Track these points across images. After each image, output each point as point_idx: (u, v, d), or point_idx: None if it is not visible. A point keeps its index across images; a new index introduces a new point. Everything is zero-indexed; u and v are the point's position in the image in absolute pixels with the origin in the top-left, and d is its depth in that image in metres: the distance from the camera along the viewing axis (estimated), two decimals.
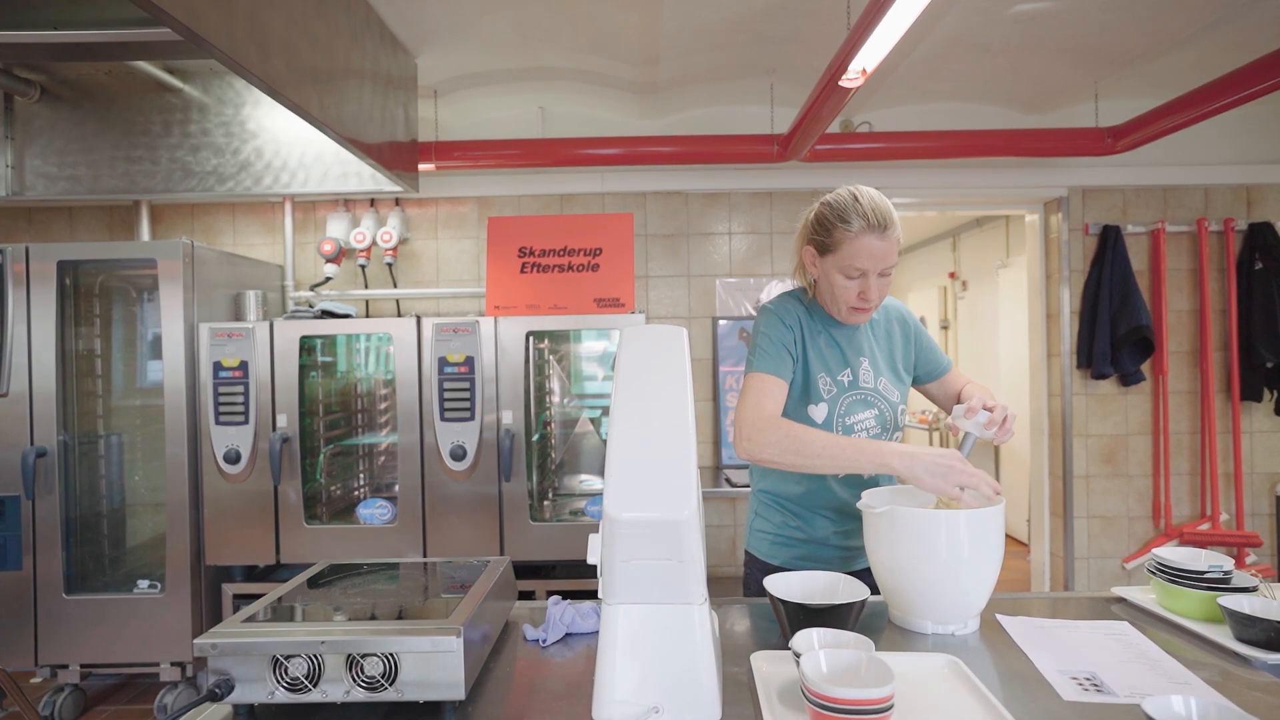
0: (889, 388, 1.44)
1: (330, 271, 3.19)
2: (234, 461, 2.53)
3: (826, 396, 1.40)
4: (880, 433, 1.42)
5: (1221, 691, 0.90)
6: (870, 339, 1.47)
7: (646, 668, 0.82)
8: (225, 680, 0.87)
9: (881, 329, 1.49)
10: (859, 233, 1.30)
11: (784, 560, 1.46)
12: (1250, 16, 2.39)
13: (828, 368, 1.42)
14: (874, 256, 1.30)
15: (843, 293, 1.36)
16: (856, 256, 1.31)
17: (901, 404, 1.45)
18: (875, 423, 1.41)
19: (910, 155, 3.04)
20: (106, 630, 2.53)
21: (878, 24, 1.78)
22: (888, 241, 1.31)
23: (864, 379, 1.42)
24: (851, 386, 1.42)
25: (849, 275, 1.34)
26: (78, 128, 2.90)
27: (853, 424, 1.41)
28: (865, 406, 1.41)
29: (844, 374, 1.42)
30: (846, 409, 1.41)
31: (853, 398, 1.41)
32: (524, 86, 3.04)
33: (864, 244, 1.30)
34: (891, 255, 1.32)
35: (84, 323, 2.78)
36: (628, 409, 0.90)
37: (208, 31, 1.42)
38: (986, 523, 1.10)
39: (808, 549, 1.45)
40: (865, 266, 1.31)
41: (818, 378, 1.41)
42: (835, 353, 1.43)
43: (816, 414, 1.40)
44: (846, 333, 1.45)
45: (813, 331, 1.44)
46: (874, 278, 1.32)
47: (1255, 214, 3.30)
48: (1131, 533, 3.34)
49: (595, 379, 3.26)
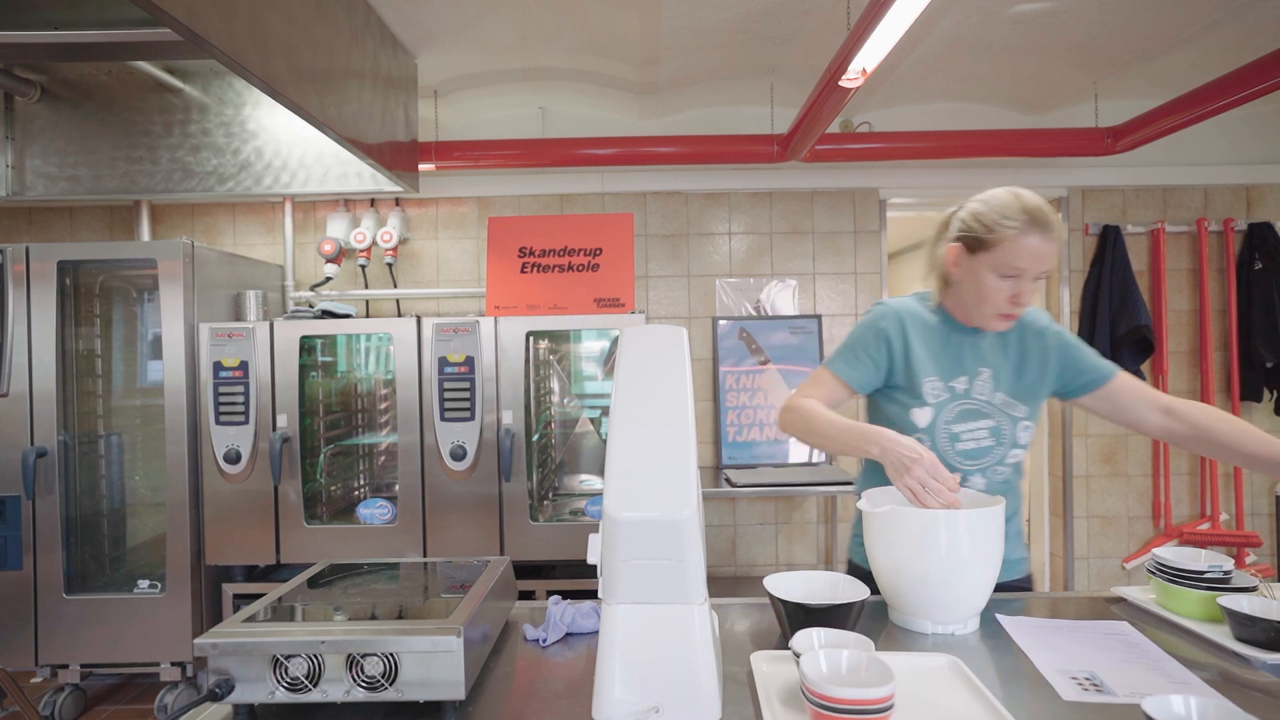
0: (1010, 403, 1.37)
1: (330, 271, 3.19)
2: (234, 461, 2.53)
3: (932, 401, 1.37)
4: (993, 446, 1.37)
5: (1221, 691, 0.90)
6: (999, 349, 1.40)
7: (646, 668, 0.82)
8: (225, 680, 0.87)
9: (1014, 340, 1.41)
10: (1022, 230, 1.26)
11: None
12: (1250, 16, 2.39)
13: (941, 372, 1.38)
14: (1034, 257, 1.26)
15: (992, 294, 1.31)
16: (1017, 255, 1.26)
17: (1025, 420, 1.37)
18: (989, 435, 1.37)
19: (910, 155, 3.04)
20: (107, 630, 2.53)
21: (878, 24, 1.78)
22: (1050, 243, 1.26)
23: (980, 390, 1.37)
24: (964, 395, 1.37)
25: (1003, 274, 1.29)
26: (78, 128, 2.90)
27: (959, 432, 1.37)
28: (978, 417, 1.37)
29: (959, 381, 1.38)
30: (955, 417, 1.37)
31: (964, 406, 1.37)
32: (524, 86, 3.04)
33: (1026, 243, 1.25)
34: (1051, 258, 1.27)
35: (84, 323, 2.78)
36: (628, 409, 0.90)
37: (208, 32, 1.42)
38: (986, 523, 1.10)
39: None
40: (1024, 266, 1.27)
41: (924, 381, 1.38)
42: (953, 359, 1.39)
43: (920, 418, 1.38)
44: (972, 340, 1.40)
45: (926, 335, 1.40)
46: (1028, 280, 1.28)
47: (1255, 214, 3.31)
48: (1131, 533, 3.34)
49: (595, 379, 3.26)
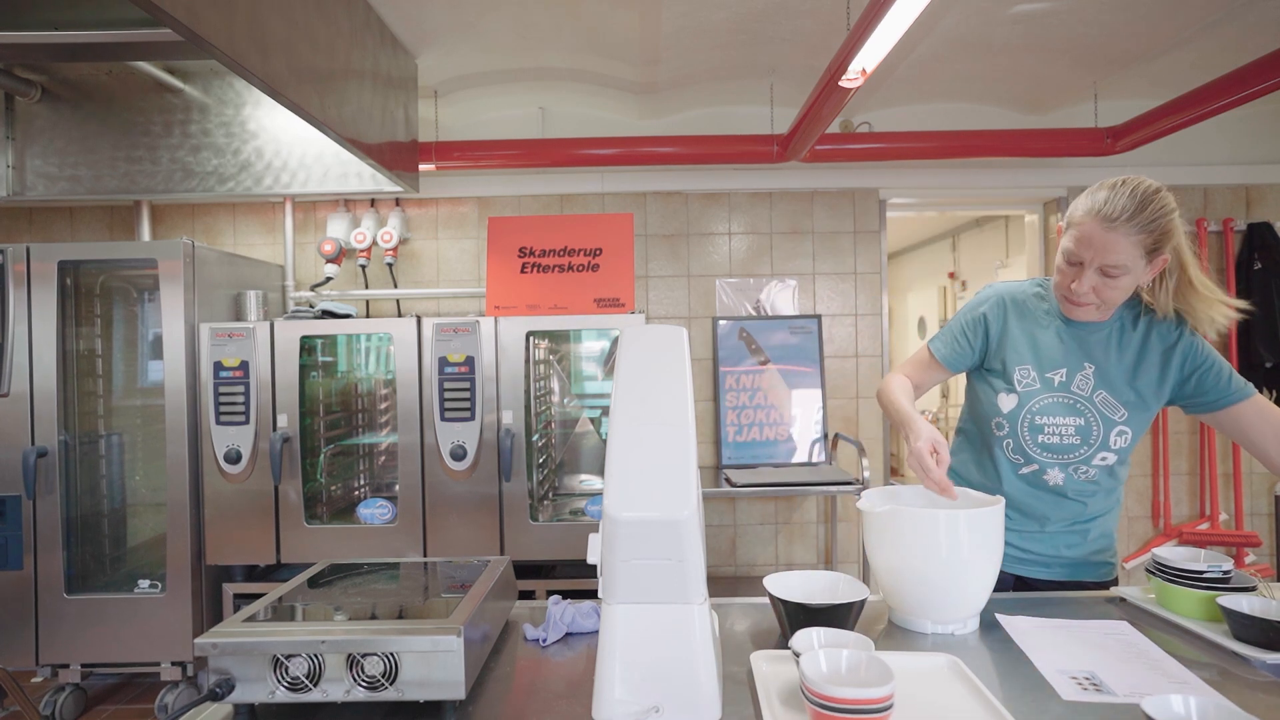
0: (1110, 403, 1.31)
1: (330, 271, 3.19)
2: (234, 461, 2.53)
3: (1020, 388, 1.36)
4: (1078, 444, 1.33)
5: (1221, 691, 0.91)
6: (1114, 347, 1.33)
7: (646, 668, 0.82)
8: (226, 680, 0.87)
9: (1135, 340, 1.33)
10: (1086, 216, 1.22)
11: None
12: (1250, 16, 2.39)
13: (1038, 361, 1.35)
14: (1091, 245, 1.21)
15: (1059, 276, 1.30)
16: (1076, 240, 1.24)
17: (1122, 426, 1.31)
18: (1076, 433, 1.33)
19: (910, 155, 3.04)
20: (107, 630, 2.53)
21: (878, 24, 1.78)
22: (1113, 235, 1.19)
23: (1079, 385, 1.33)
24: (1060, 388, 1.33)
25: (1068, 260, 1.27)
26: (78, 128, 2.90)
27: (1043, 424, 1.34)
28: (1068, 412, 1.33)
29: (1057, 373, 1.34)
30: (1042, 408, 1.34)
31: (1055, 399, 1.33)
32: (524, 86, 3.04)
33: (1086, 229, 1.22)
34: (1114, 253, 1.20)
35: (84, 323, 2.78)
36: (628, 409, 0.90)
37: (208, 32, 1.43)
38: (986, 522, 1.10)
39: None
40: (1082, 255, 1.23)
41: (1016, 369, 1.36)
42: (1056, 348, 1.35)
43: (1005, 403, 1.37)
44: (1082, 332, 1.34)
45: (1030, 323, 1.38)
46: (1090, 272, 1.23)
47: (1255, 214, 3.31)
48: (1131, 532, 3.34)
49: (595, 379, 3.26)
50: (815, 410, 3.24)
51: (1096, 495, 1.37)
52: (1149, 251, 1.21)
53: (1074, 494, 1.36)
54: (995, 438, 1.40)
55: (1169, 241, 1.22)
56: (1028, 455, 1.36)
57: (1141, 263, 1.22)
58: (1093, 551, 1.40)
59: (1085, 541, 1.39)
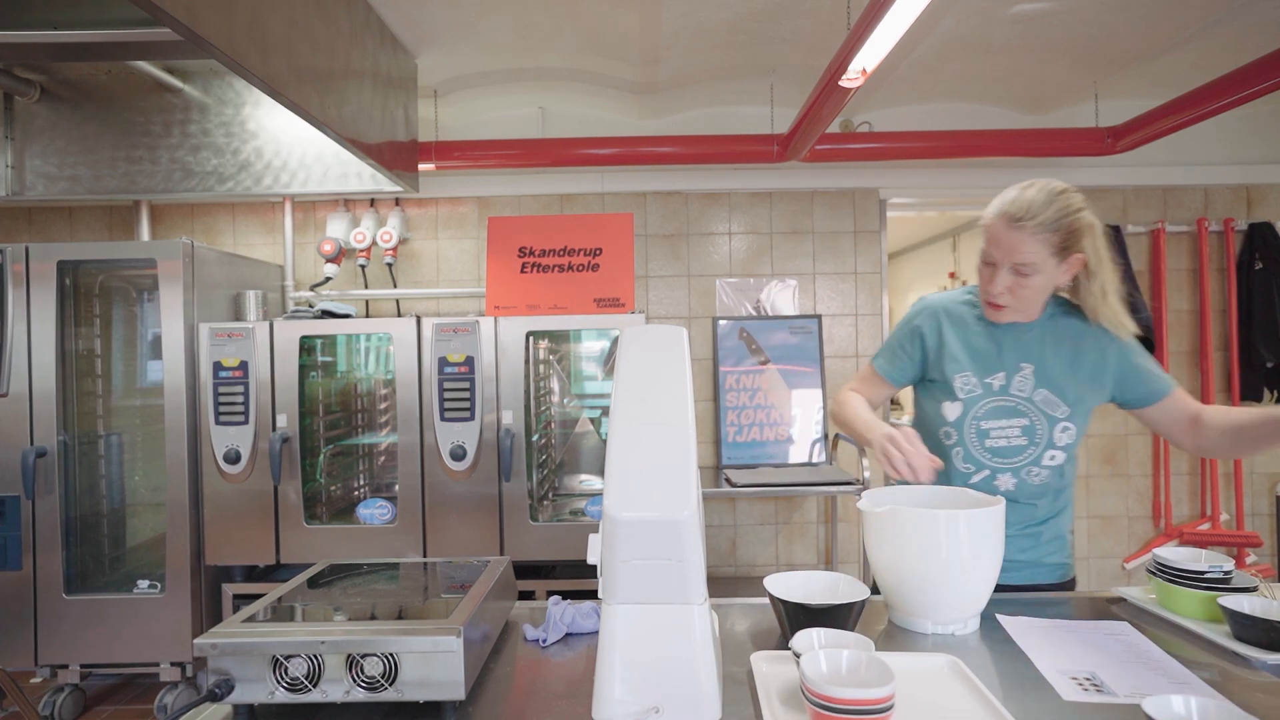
0: (1051, 401, 1.33)
1: (330, 271, 3.19)
2: (234, 461, 2.53)
3: (963, 396, 1.37)
4: (1025, 445, 1.34)
5: (1221, 691, 0.90)
6: (1049, 344, 1.35)
7: (646, 668, 0.82)
8: (225, 680, 0.87)
9: (1070, 337, 1.35)
10: (993, 218, 1.28)
11: None
12: (1250, 16, 2.39)
13: (976, 367, 1.37)
14: (1000, 244, 1.27)
15: (980, 279, 1.34)
16: (988, 241, 1.30)
17: (1066, 423, 1.33)
18: (1021, 434, 1.34)
19: (910, 155, 3.04)
20: (106, 630, 2.53)
21: (878, 24, 1.78)
22: (1019, 234, 1.24)
23: (1018, 386, 1.34)
24: (1001, 392, 1.35)
25: (984, 261, 1.32)
26: (78, 128, 2.90)
27: (989, 429, 1.35)
28: (1012, 415, 1.34)
29: (996, 377, 1.35)
30: (986, 413, 1.35)
31: (997, 403, 1.35)
32: (524, 86, 3.04)
33: (995, 229, 1.27)
34: (1020, 251, 1.24)
35: (84, 323, 2.78)
36: (628, 409, 0.90)
37: (208, 31, 1.42)
38: (987, 522, 1.10)
39: None
40: (994, 255, 1.28)
41: (956, 377, 1.37)
42: (992, 352, 1.37)
43: (949, 412, 1.38)
44: (1014, 333, 1.36)
45: (964, 330, 1.40)
46: (1003, 272, 1.27)
47: (1255, 214, 3.31)
48: (1131, 533, 3.34)
49: (595, 379, 3.26)
50: (815, 410, 3.24)
51: (1045, 497, 1.38)
52: (1059, 250, 1.25)
53: (1025, 498, 1.37)
54: (945, 447, 1.41)
55: (1080, 240, 1.25)
56: (978, 462, 1.37)
57: (1052, 262, 1.25)
58: (1047, 553, 1.41)
59: (1038, 544, 1.40)
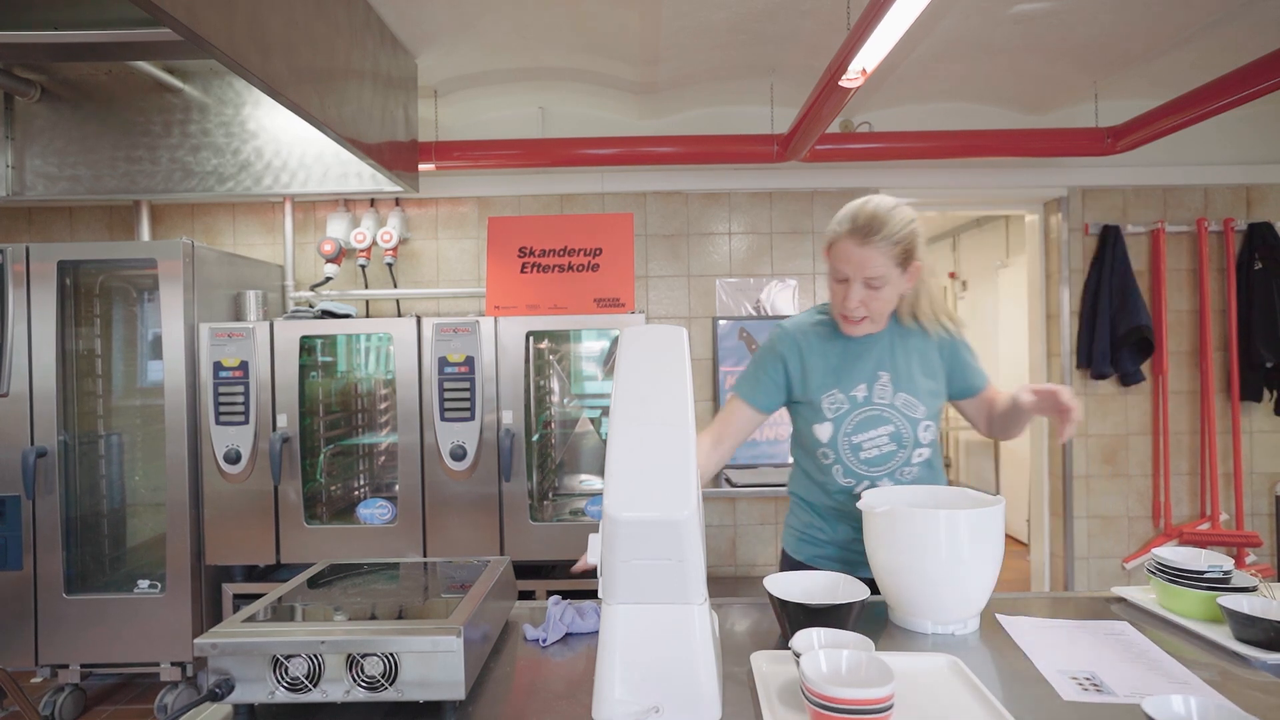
0: (910, 403, 1.38)
1: (330, 271, 3.19)
2: (234, 461, 2.53)
3: (832, 416, 1.39)
4: (895, 450, 1.38)
5: (1221, 691, 0.90)
6: (897, 351, 1.41)
7: (646, 668, 0.82)
8: (225, 680, 0.87)
9: (915, 342, 1.42)
10: (843, 235, 1.32)
11: (807, 557, 1.48)
12: (1250, 16, 2.39)
13: (840, 383, 1.40)
14: (851, 261, 1.31)
15: (833, 297, 1.38)
16: (838, 259, 1.34)
17: (925, 421, 1.39)
18: (890, 440, 1.38)
19: (910, 155, 3.04)
20: (107, 630, 2.53)
21: (878, 24, 1.78)
22: (867, 250, 1.29)
23: (880, 394, 1.39)
24: (865, 403, 1.38)
25: (836, 278, 1.36)
26: (78, 128, 2.90)
27: (861, 442, 1.38)
28: (879, 423, 1.38)
29: (858, 389, 1.39)
30: (855, 427, 1.38)
31: (864, 415, 1.38)
32: (524, 86, 3.04)
33: (842, 248, 1.32)
34: (871, 265, 1.30)
35: (84, 323, 2.78)
36: (628, 409, 0.90)
37: (208, 31, 1.42)
38: (986, 523, 1.10)
39: (831, 550, 1.46)
40: (846, 272, 1.33)
41: (824, 397, 1.40)
42: (852, 367, 1.40)
43: (821, 433, 1.40)
44: (866, 344, 1.41)
45: (823, 349, 1.42)
46: (857, 285, 1.32)
47: (1255, 214, 3.30)
48: (1131, 533, 3.34)
49: (595, 379, 3.26)
50: None
51: None
52: (901, 261, 1.32)
53: None
54: (824, 465, 1.43)
55: (917, 250, 1.33)
56: (857, 474, 1.40)
57: (897, 272, 1.33)
58: None
59: None
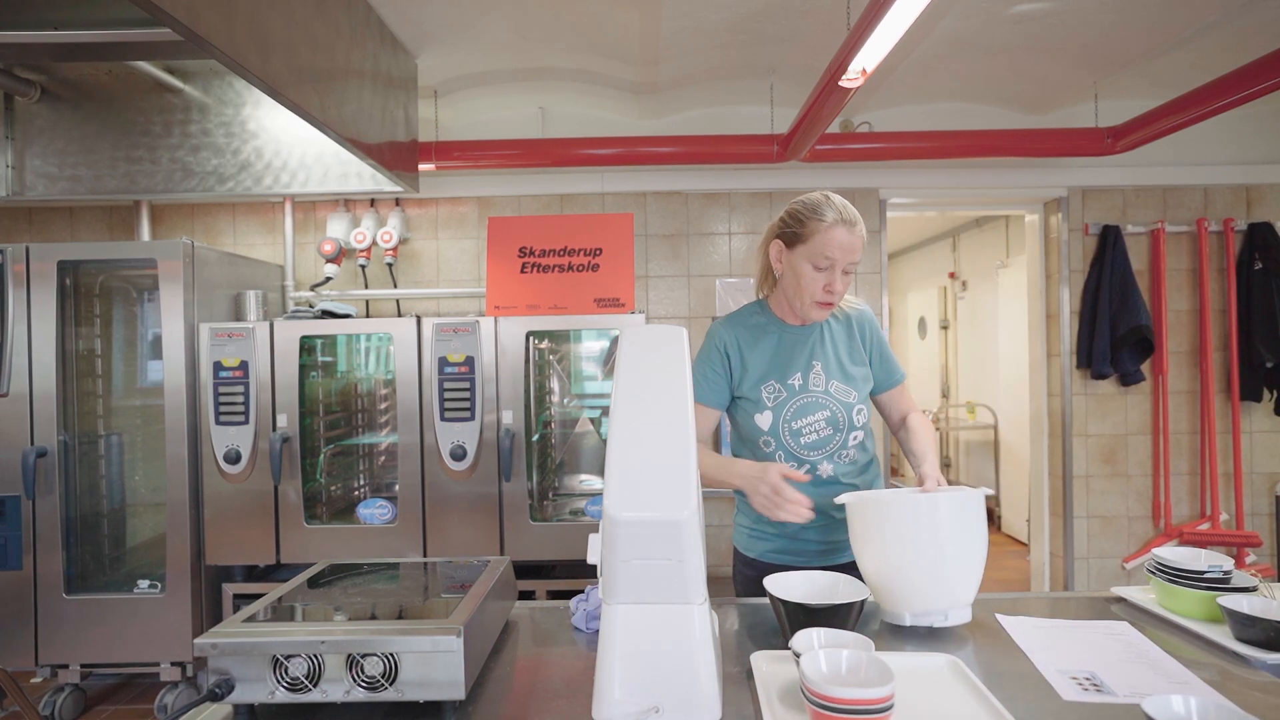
0: (842, 389, 1.46)
1: (330, 271, 3.19)
2: (234, 461, 2.53)
3: (771, 404, 1.45)
4: (832, 434, 1.45)
5: (1221, 691, 0.90)
6: (828, 341, 1.50)
7: (646, 668, 0.82)
8: (225, 680, 0.87)
9: (842, 331, 1.52)
10: (832, 224, 1.38)
11: (760, 553, 1.51)
12: (1250, 16, 2.39)
13: (777, 373, 1.47)
14: (843, 248, 1.38)
15: (810, 285, 1.41)
16: (828, 246, 1.38)
17: (858, 405, 1.47)
18: (826, 425, 1.45)
19: (910, 155, 3.04)
20: (107, 630, 2.53)
21: (878, 24, 1.78)
22: (855, 236, 1.39)
23: (814, 382, 1.46)
24: (801, 390, 1.46)
25: (818, 266, 1.40)
26: (78, 128, 2.90)
27: (800, 428, 1.45)
28: (815, 409, 1.45)
29: (795, 378, 1.46)
30: (794, 414, 1.45)
31: (802, 401, 1.45)
32: (524, 86, 3.04)
33: (835, 235, 1.38)
34: (857, 251, 1.40)
35: (84, 323, 2.78)
36: (627, 409, 0.90)
37: (208, 31, 1.42)
38: (965, 508, 1.11)
39: (783, 542, 1.49)
40: (835, 257, 1.38)
41: (762, 387, 1.46)
42: (786, 357, 1.48)
43: (762, 421, 1.46)
44: (800, 336, 1.49)
45: (759, 341, 1.49)
46: (839, 271, 1.39)
47: (1255, 214, 3.30)
48: (1131, 533, 3.34)
49: (595, 379, 3.26)
50: None
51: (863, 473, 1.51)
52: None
53: (845, 478, 1.49)
54: (766, 454, 1.48)
55: None
56: (799, 459, 1.46)
57: None
58: None
59: None
